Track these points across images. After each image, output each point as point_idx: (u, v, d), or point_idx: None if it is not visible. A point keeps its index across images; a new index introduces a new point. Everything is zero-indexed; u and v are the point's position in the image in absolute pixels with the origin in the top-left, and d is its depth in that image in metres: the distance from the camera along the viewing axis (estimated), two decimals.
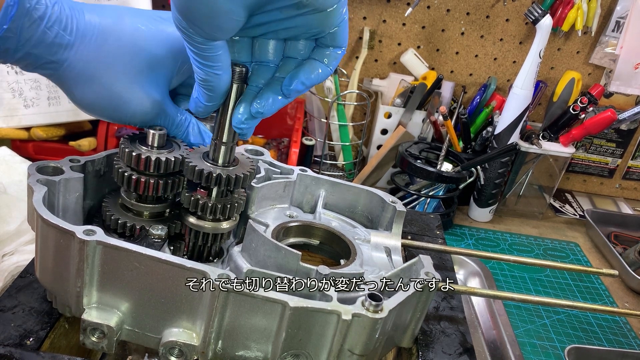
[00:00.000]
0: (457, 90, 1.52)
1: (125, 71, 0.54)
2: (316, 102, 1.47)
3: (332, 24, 0.47)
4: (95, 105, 0.55)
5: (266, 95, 0.50)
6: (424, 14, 1.44)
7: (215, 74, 0.48)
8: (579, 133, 1.33)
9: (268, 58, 0.51)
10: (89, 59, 0.53)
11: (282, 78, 0.51)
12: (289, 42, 0.50)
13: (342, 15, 0.47)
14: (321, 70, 0.50)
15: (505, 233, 1.41)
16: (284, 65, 0.51)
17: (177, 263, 0.47)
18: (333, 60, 0.50)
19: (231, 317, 0.47)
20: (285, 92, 0.50)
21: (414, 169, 1.25)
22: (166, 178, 0.56)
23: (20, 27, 0.49)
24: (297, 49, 0.50)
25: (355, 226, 0.68)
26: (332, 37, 0.48)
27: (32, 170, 0.54)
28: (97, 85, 0.53)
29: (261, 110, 0.50)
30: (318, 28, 0.47)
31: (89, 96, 0.54)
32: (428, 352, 0.57)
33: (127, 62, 0.54)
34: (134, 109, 0.55)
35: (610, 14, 1.42)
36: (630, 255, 1.28)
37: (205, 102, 0.50)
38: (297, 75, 0.50)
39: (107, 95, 0.54)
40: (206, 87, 0.49)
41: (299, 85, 0.50)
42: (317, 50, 0.50)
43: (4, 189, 0.85)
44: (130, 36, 0.54)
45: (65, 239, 0.48)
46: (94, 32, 0.53)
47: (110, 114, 0.56)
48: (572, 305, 0.67)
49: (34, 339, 0.50)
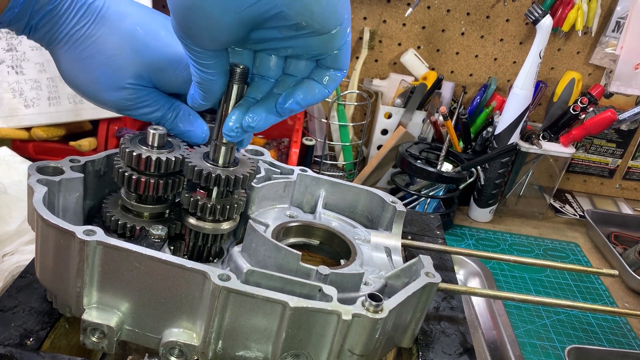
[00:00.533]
0: (457, 90, 1.52)
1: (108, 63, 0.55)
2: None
3: (334, 47, 0.46)
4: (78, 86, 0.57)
5: (259, 111, 0.50)
6: (424, 14, 1.44)
7: (210, 79, 0.49)
8: (579, 133, 1.33)
9: (268, 73, 0.51)
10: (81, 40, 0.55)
11: (278, 95, 0.50)
12: (290, 59, 0.50)
13: (344, 39, 0.46)
14: (318, 91, 0.50)
15: (505, 233, 1.41)
16: (283, 82, 0.51)
17: (177, 263, 0.47)
18: (332, 82, 0.50)
19: (231, 317, 0.47)
20: (279, 111, 0.50)
21: (414, 169, 1.25)
22: (166, 178, 0.56)
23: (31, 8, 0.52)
24: (298, 68, 0.50)
25: (355, 226, 0.68)
26: (333, 59, 0.48)
27: (32, 171, 0.54)
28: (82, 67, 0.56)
29: (252, 125, 0.50)
30: (319, 50, 0.47)
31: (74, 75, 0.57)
32: (428, 352, 0.57)
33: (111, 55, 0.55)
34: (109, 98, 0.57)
35: (610, 14, 1.42)
36: (630, 255, 1.28)
37: (200, 100, 0.51)
38: (293, 94, 0.49)
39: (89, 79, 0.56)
40: (201, 88, 0.50)
41: (294, 105, 0.49)
42: (317, 71, 0.49)
43: (4, 189, 0.85)
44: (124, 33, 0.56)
45: (65, 239, 0.48)
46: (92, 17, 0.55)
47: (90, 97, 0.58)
48: (572, 305, 0.67)
49: (34, 339, 0.51)
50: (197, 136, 0.60)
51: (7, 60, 1.09)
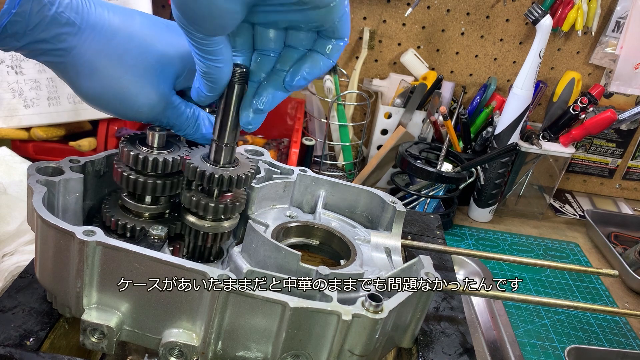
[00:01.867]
0: (457, 90, 1.52)
1: (135, 65, 0.54)
2: (316, 102, 1.47)
3: (334, 18, 0.47)
4: (101, 98, 0.55)
5: (267, 92, 0.51)
6: (424, 14, 1.44)
7: (216, 66, 0.48)
8: (579, 133, 1.33)
9: (269, 46, 0.51)
10: (98, 49, 0.53)
11: (282, 71, 0.51)
12: (290, 31, 0.50)
13: (343, 9, 0.46)
14: (322, 63, 0.50)
15: (505, 233, 1.41)
16: (285, 56, 0.51)
17: (177, 263, 0.46)
18: (335, 52, 0.50)
19: (231, 318, 0.47)
20: (287, 88, 0.51)
21: (414, 169, 1.25)
22: (166, 178, 0.56)
23: (29, 11, 0.49)
24: (299, 39, 0.50)
25: (355, 226, 0.68)
26: (334, 29, 0.48)
27: (32, 171, 0.54)
28: (104, 77, 0.53)
29: (261, 107, 0.51)
30: (319, 22, 0.47)
31: (95, 88, 0.54)
32: (428, 353, 0.57)
33: (136, 56, 0.54)
34: (141, 102, 0.55)
35: (610, 14, 1.42)
36: (630, 255, 1.28)
37: (207, 92, 0.51)
38: (299, 70, 0.50)
39: (114, 87, 0.54)
40: (207, 79, 0.49)
41: (302, 80, 0.50)
42: (319, 41, 0.50)
43: (4, 189, 0.85)
44: (140, 33, 0.55)
45: (65, 240, 0.48)
46: (104, 24, 0.53)
47: (116, 108, 0.56)
48: (572, 305, 0.67)
49: (34, 340, 0.50)
50: None
51: (6, 60, 1.09)
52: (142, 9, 1.16)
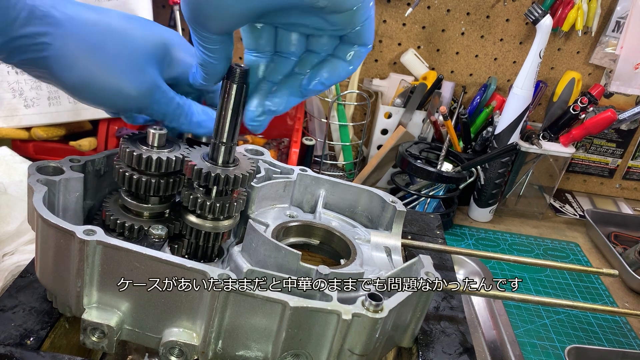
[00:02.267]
0: (457, 90, 1.52)
1: (117, 53, 0.53)
2: (316, 102, 1.47)
3: (356, 23, 0.45)
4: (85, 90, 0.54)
5: (282, 94, 0.50)
6: (424, 14, 1.44)
7: (212, 62, 0.49)
8: (579, 133, 1.33)
9: (290, 50, 0.50)
10: (79, 39, 0.52)
11: (299, 75, 0.50)
12: (312, 36, 0.49)
13: (367, 14, 0.45)
14: (342, 69, 0.49)
15: (505, 233, 1.41)
16: (305, 60, 0.50)
17: (177, 263, 0.47)
18: (357, 59, 0.49)
19: (231, 317, 0.47)
20: (303, 92, 0.50)
21: (414, 169, 1.25)
22: (166, 178, 0.56)
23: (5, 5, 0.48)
24: (321, 44, 0.49)
25: (355, 226, 0.68)
26: (356, 35, 0.47)
27: (32, 170, 0.54)
28: (86, 68, 0.53)
29: (273, 108, 0.50)
30: (340, 26, 0.46)
31: (78, 79, 0.53)
32: (428, 352, 0.57)
33: (117, 44, 0.53)
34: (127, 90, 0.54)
35: (610, 14, 1.42)
36: (630, 255, 1.28)
37: (201, 80, 0.51)
38: (318, 74, 0.49)
39: (97, 77, 0.53)
40: (203, 70, 0.50)
41: (319, 85, 0.49)
42: (341, 47, 0.48)
43: (4, 189, 0.85)
44: (118, 24, 0.54)
45: (65, 239, 0.48)
46: (82, 17, 0.53)
47: (103, 98, 0.55)
48: (572, 305, 0.67)
49: (34, 339, 0.51)
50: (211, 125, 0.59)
51: None
52: (142, 9, 1.16)
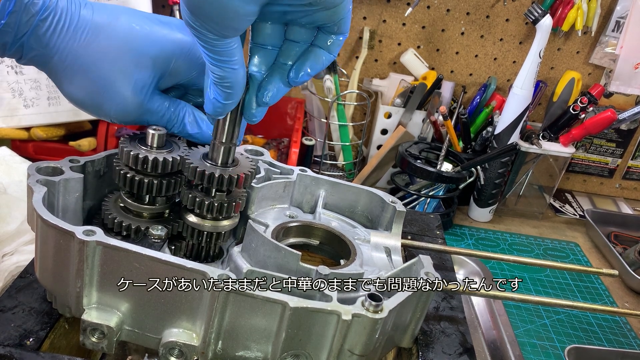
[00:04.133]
0: (457, 90, 1.52)
1: (111, 69, 0.54)
2: (316, 102, 1.47)
3: (338, 17, 0.47)
4: (81, 101, 0.56)
5: (270, 86, 0.51)
6: (424, 14, 1.44)
7: (232, 69, 0.47)
8: (579, 133, 1.33)
9: (268, 41, 0.50)
10: (78, 53, 0.53)
11: (284, 65, 0.51)
12: (291, 26, 0.50)
13: (347, 7, 0.47)
14: (325, 58, 0.51)
15: (505, 233, 1.41)
16: (287, 50, 0.51)
17: (177, 263, 0.46)
18: (336, 47, 0.50)
19: (231, 318, 0.47)
20: (292, 84, 0.51)
21: (414, 169, 1.25)
22: (166, 178, 0.56)
23: (18, 21, 0.50)
24: (300, 33, 0.50)
25: (355, 226, 0.68)
26: (336, 26, 0.48)
27: (32, 171, 0.54)
28: (83, 80, 0.54)
29: (266, 100, 0.51)
30: (324, 21, 0.47)
31: (75, 90, 0.55)
32: (428, 352, 0.57)
33: (113, 60, 0.54)
34: (115, 107, 0.55)
35: (610, 14, 1.42)
36: (630, 255, 1.28)
37: (224, 100, 0.49)
38: (303, 66, 0.50)
39: (91, 91, 0.55)
40: (224, 84, 0.48)
41: (305, 76, 0.51)
42: (320, 36, 0.50)
43: (4, 189, 0.85)
44: (122, 34, 0.54)
45: (65, 239, 0.48)
46: (85, 27, 0.53)
47: (94, 110, 0.57)
48: (572, 305, 0.67)
49: (34, 339, 0.50)
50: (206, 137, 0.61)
51: (6, 60, 1.09)
52: (142, 9, 1.16)
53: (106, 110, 0.56)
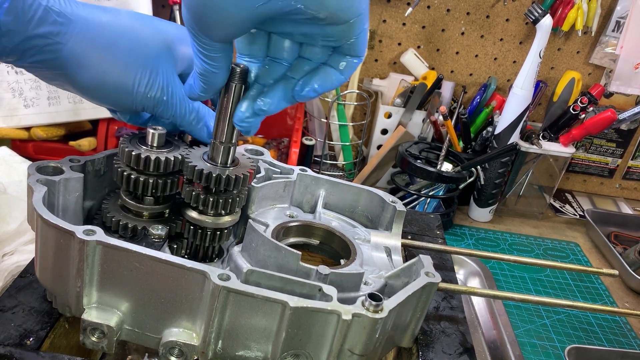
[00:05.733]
0: (457, 90, 1.52)
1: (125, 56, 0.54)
2: (316, 102, 1.47)
3: (351, 36, 0.46)
4: (98, 89, 0.55)
5: (273, 94, 0.50)
6: (424, 14, 1.44)
7: (213, 71, 0.48)
8: (579, 133, 1.33)
9: (282, 56, 0.50)
10: (91, 40, 0.53)
11: (292, 79, 0.50)
12: (306, 45, 0.50)
13: (361, 27, 0.46)
14: (335, 78, 0.49)
15: (505, 233, 1.41)
16: (297, 66, 0.50)
17: (177, 263, 0.46)
18: (349, 69, 0.49)
19: (231, 317, 0.47)
20: (296, 97, 0.50)
21: (414, 169, 1.25)
22: (166, 178, 0.56)
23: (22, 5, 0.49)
24: (314, 53, 0.49)
25: (355, 226, 0.68)
26: (350, 46, 0.47)
27: (32, 170, 0.54)
28: (99, 68, 0.54)
29: (264, 108, 0.50)
30: (335, 38, 0.46)
31: (92, 79, 0.54)
32: (428, 352, 0.57)
33: (125, 47, 0.54)
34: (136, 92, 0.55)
35: (610, 14, 1.42)
36: (630, 255, 1.28)
37: (199, 92, 0.51)
38: (310, 82, 0.49)
39: (110, 77, 0.54)
40: (202, 79, 0.50)
41: (311, 92, 0.49)
42: (334, 57, 0.49)
43: (4, 189, 0.85)
44: (127, 27, 0.55)
45: (65, 239, 0.48)
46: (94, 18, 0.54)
47: (112, 99, 0.57)
48: (572, 305, 0.67)
49: (34, 339, 0.50)
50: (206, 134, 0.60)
51: None
52: (142, 9, 1.16)
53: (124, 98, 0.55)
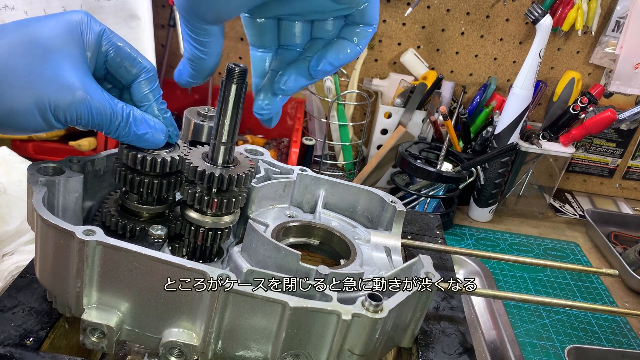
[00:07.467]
0: (457, 90, 1.52)
1: (24, 71, 0.46)
2: (316, 102, 1.47)
3: (361, 1, 0.45)
4: None
5: (289, 73, 0.49)
6: (424, 14, 1.44)
7: (202, 57, 0.48)
8: (579, 133, 1.33)
9: (294, 42, 0.49)
10: None
11: (308, 57, 0.49)
12: (317, 22, 0.48)
13: None
14: (350, 50, 0.48)
15: (505, 233, 1.41)
16: (312, 46, 0.49)
17: (177, 263, 0.46)
18: (363, 38, 0.48)
19: (231, 317, 0.47)
20: (312, 73, 0.49)
21: (414, 169, 1.25)
22: (166, 178, 0.56)
23: None
24: (326, 29, 0.48)
25: (355, 226, 0.68)
26: (361, 14, 0.46)
27: (32, 170, 0.54)
28: None
29: (283, 86, 0.49)
30: (346, 5, 0.45)
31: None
32: (428, 352, 0.57)
33: (22, 61, 0.45)
34: (55, 94, 0.46)
35: (610, 14, 1.42)
36: (630, 255, 1.28)
37: (188, 77, 0.50)
38: (325, 55, 0.48)
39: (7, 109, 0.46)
40: (191, 65, 0.49)
41: (327, 66, 0.48)
42: (347, 29, 0.48)
43: (4, 189, 0.85)
44: (18, 26, 0.47)
45: (65, 239, 0.48)
46: None
47: (17, 127, 0.47)
48: (572, 305, 0.67)
49: (34, 339, 0.50)
50: (157, 138, 0.53)
51: None
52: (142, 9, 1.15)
53: (32, 120, 0.46)
